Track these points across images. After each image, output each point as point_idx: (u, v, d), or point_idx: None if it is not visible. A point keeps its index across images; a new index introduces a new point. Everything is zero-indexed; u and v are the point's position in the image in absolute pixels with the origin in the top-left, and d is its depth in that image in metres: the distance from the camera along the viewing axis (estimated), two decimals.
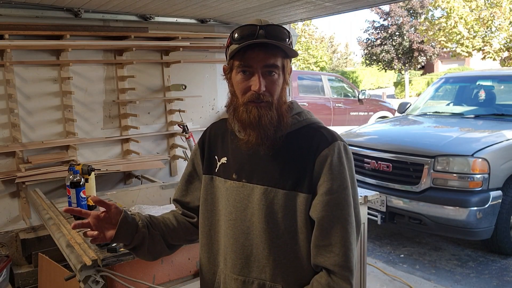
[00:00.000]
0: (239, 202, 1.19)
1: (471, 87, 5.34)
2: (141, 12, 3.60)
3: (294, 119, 1.21)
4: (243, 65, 1.12)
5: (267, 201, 1.15)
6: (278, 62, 1.12)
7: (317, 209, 1.12)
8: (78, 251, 1.79)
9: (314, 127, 1.21)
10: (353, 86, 10.69)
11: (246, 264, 1.18)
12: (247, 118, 1.12)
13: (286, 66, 1.16)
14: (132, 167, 3.57)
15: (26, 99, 3.28)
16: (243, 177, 1.19)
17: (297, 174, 1.15)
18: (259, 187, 1.16)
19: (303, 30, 24.61)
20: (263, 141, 1.13)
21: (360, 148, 4.41)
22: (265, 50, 1.10)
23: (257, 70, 1.10)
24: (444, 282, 3.45)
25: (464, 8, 14.96)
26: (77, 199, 2.23)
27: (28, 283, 2.99)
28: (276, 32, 1.12)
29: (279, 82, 1.14)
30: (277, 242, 1.15)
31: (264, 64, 1.11)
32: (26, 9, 3.14)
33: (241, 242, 1.18)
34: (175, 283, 1.97)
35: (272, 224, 1.15)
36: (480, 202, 3.55)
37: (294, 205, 1.14)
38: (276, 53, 1.12)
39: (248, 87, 1.12)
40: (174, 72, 3.99)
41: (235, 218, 1.19)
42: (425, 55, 21.81)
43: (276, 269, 1.15)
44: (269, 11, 3.61)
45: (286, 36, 1.13)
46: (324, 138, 1.17)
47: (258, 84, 1.10)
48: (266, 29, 1.11)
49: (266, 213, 1.15)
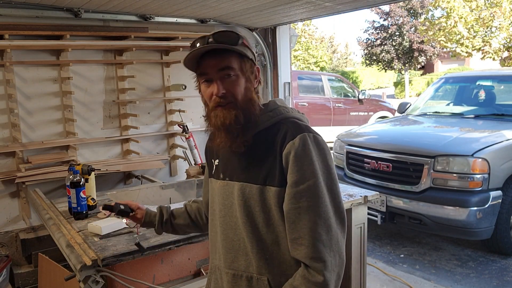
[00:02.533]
0: (226, 199, 1.27)
1: (471, 87, 5.34)
2: (141, 12, 3.60)
3: (268, 117, 1.23)
4: (202, 74, 1.20)
5: (244, 197, 1.21)
6: (232, 63, 1.17)
7: (285, 202, 1.16)
8: (78, 251, 1.79)
9: (285, 122, 1.22)
10: (353, 86, 10.69)
11: (235, 258, 1.24)
12: (215, 122, 1.19)
13: (245, 66, 1.20)
14: (132, 167, 3.57)
15: (26, 99, 3.28)
16: (227, 176, 1.27)
17: (267, 169, 1.19)
18: (237, 183, 1.23)
19: (303, 30, 24.59)
20: (233, 140, 1.19)
21: (360, 148, 4.41)
22: (215, 56, 1.17)
23: (214, 75, 1.17)
24: (444, 282, 3.45)
25: (464, 8, 14.96)
26: (77, 199, 2.23)
27: (28, 283, 2.99)
28: (224, 37, 1.17)
29: (240, 82, 1.19)
30: (258, 236, 1.20)
31: (217, 68, 1.17)
32: (26, 9, 3.14)
33: (230, 237, 1.25)
34: (175, 283, 1.98)
35: (251, 219, 1.20)
36: (480, 202, 3.55)
37: (267, 198, 1.19)
38: (229, 56, 1.17)
39: (211, 93, 1.19)
40: (174, 72, 3.99)
41: (224, 215, 1.27)
42: (425, 55, 21.84)
43: (261, 262, 1.20)
44: (269, 11, 3.61)
45: (235, 38, 1.18)
46: (290, 131, 1.19)
47: (216, 88, 1.17)
48: (214, 36, 1.17)
49: (244, 208, 1.21)
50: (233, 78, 1.18)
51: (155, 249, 1.83)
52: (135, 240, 1.74)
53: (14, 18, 3.13)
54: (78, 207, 2.24)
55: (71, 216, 2.28)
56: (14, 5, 3.08)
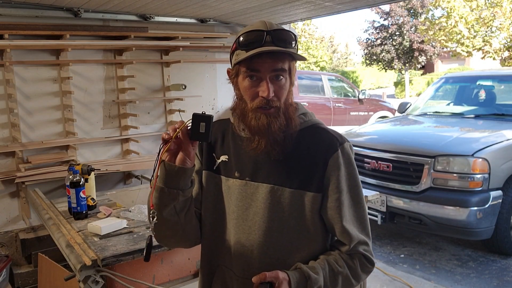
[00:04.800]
0: (241, 201, 1.19)
1: (471, 87, 5.34)
2: (141, 11, 3.60)
3: (301, 119, 1.21)
4: (251, 70, 1.11)
5: (273, 200, 1.15)
6: (285, 66, 1.12)
7: (330, 205, 1.18)
8: (78, 251, 1.79)
9: (320, 128, 1.23)
10: (353, 86, 10.69)
11: (247, 264, 1.18)
12: (256, 125, 1.11)
13: (293, 68, 1.16)
14: (132, 167, 3.57)
15: (25, 99, 3.28)
16: (246, 176, 1.19)
17: (305, 174, 1.16)
18: (264, 185, 1.16)
19: (303, 30, 24.60)
20: (273, 147, 1.13)
21: (360, 148, 4.40)
22: (272, 55, 1.09)
23: (265, 75, 1.10)
24: (444, 282, 3.45)
25: (464, 7, 14.95)
26: (77, 199, 2.23)
27: (28, 283, 2.99)
28: (283, 36, 1.11)
29: (286, 85, 1.14)
30: (282, 242, 1.16)
31: (271, 69, 1.10)
32: (26, 8, 3.14)
33: (242, 242, 1.19)
34: (175, 283, 1.98)
35: (278, 223, 1.16)
36: (480, 202, 3.54)
37: (301, 203, 1.16)
38: (284, 58, 1.11)
39: (257, 93, 1.11)
40: (174, 72, 3.99)
41: (236, 217, 1.19)
42: (425, 55, 21.81)
43: (280, 268, 1.14)
44: (269, 11, 3.61)
45: (293, 40, 1.13)
46: (335, 138, 1.19)
47: (267, 91, 1.09)
48: (272, 35, 1.10)
49: (272, 212, 1.15)
50: (283, 82, 1.12)
51: (155, 249, 1.83)
52: (150, 232, 1.20)
53: (13, 18, 3.12)
54: (78, 207, 2.24)
55: (71, 216, 2.28)
56: (13, 5, 3.07)
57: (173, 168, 1.09)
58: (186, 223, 1.20)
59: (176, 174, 1.09)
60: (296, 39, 1.15)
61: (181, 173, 1.09)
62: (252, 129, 1.13)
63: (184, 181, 1.12)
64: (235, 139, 1.23)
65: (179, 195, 1.12)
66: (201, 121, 1.06)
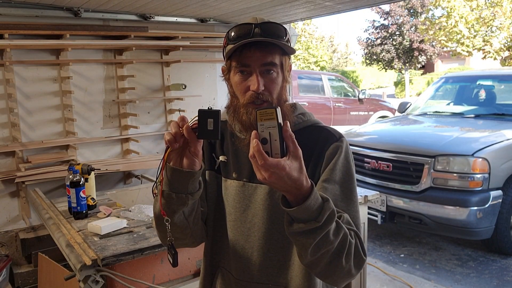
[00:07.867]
0: (238, 202, 1.17)
1: (471, 87, 5.34)
2: (141, 11, 3.60)
3: (299, 119, 1.20)
4: (241, 65, 1.09)
5: (272, 201, 1.13)
6: (276, 60, 1.09)
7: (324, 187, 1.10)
8: (78, 251, 1.79)
9: (318, 126, 1.21)
10: (353, 86, 10.69)
11: (246, 267, 1.17)
12: (247, 120, 1.09)
13: (285, 64, 1.13)
14: (132, 166, 3.57)
15: (25, 98, 3.28)
16: (244, 177, 1.17)
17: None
18: (263, 186, 1.13)
19: (303, 30, 24.58)
20: None
21: (360, 147, 4.40)
22: (261, 48, 1.07)
23: (255, 69, 1.07)
24: (444, 282, 3.45)
25: (464, 7, 14.96)
26: (77, 199, 2.23)
27: (28, 282, 2.99)
28: (273, 29, 1.08)
29: (278, 80, 1.10)
30: (283, 243, 1.14)
31: (261, 62, 1.07)
32: (26, 8, 3.14)
33: (241, 245, 1.17)
34: (175, 283, 1.97)
35: (277, 225, 1.13)
36: (480, 201, 3.54)
37: None
38: (274, 51, 1.08)
39: (247, 87, 1.09)
40: (174, 71, 3.98)
41: (234, 219, 1.18)
42: (425, 55, 21.81)
43: (280, 270, 1.14)
44: (269, 11, 3.61)
45: (283, 33, 1.10)
46: (332, 134, 1.17)
47: (257, 84, 1.06)
48: (262, 27, 1.07)
49: (271, 213, 1.13)
50: (274, 76, 1.09)
51: (155, 249, 1.83)
52: (170, 240, 1.13)
53: (13, 17, 3.12)
54: (78, 207, 2.24)
55: (71, 216, 2.28)
56: (13, 5, 3.08)
57: (181, 172, 1.01)
58: (194, 225, 1.16)
59: (184, 178, 1.02)
60: (286, 33, 1.12)
61: (190, 177, 1.02)
62: (244, 125, 1.11)
63: (192, 185, 1.05)
64: (233, 141, 1.21)
65: (188, 199, 1.06)
66: (208, 117, 0.97)
